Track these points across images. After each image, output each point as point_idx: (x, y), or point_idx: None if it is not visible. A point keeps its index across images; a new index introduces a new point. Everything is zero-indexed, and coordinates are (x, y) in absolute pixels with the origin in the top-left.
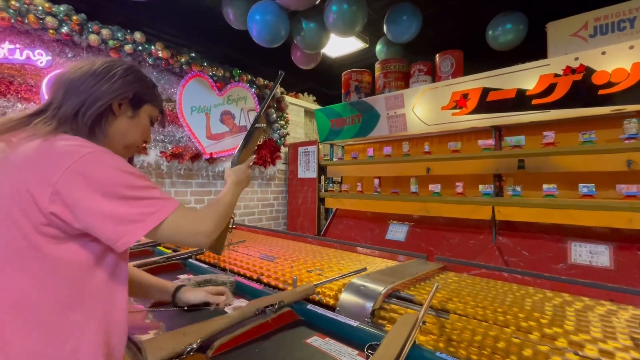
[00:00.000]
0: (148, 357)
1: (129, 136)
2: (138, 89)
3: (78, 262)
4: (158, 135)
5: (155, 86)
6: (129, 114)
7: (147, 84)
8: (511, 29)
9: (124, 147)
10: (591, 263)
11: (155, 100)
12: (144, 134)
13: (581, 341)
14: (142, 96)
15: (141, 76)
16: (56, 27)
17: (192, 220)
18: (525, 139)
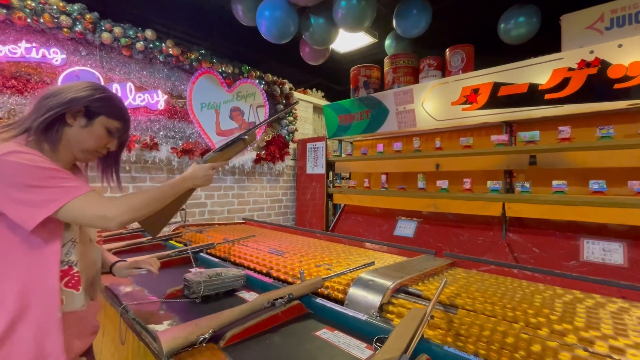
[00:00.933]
0: (163, 346)
1: (84, 143)
2: (90, 103)
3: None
4: (169, 132)
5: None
6: (82, 123)
7: (104, 99)
8: (524, 22)
9: (81, 151)
10: (604, 261)
11: (112, 113)
12: (99, 141)
13: (591, 337)
14: (96, 109)
15: (98, 92)
16: (70, 26)
17: (98, 204)
18: (536, 135)
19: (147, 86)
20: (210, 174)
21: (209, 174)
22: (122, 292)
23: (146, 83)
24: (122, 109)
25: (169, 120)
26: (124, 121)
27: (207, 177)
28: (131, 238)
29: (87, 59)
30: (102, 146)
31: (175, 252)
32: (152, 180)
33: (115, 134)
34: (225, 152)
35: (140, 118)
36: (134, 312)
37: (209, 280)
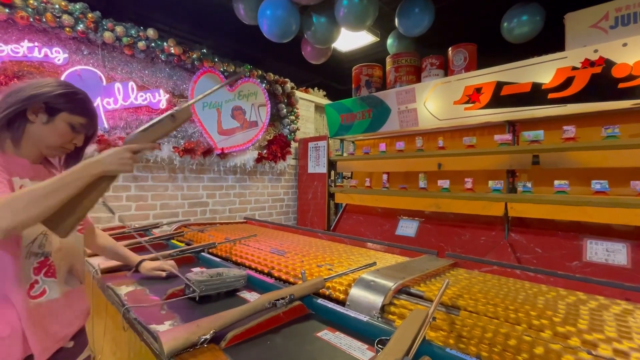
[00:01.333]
0: (164, 347)
1: (47, 139)
2: (50, 99)
3: None
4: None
5: (76, 98)
6: (43, 120)
7: (66, 95)
8: (527, 20)
9: (46, 147)
10: (607, 261)
11: (74, 109)
12: (62, 138)
13: (595, 340)
14: (57, 105)
15: (60, 88)
16: (72, 25)
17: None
18: (541, 134)
19: (148, 85)
20: (125, 156)
21: (124, 157)
22: (124, 292)
23: (148, 82)
24: (86, 104)
25: None
26: (88, 117)
27: (121, 160)
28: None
29: (89, 58)
30: (66, 142)
31: (177, 252)
32: (154, 180)
33: (80, 129)
34: (151, 132)
35: (142, 117)
36: (135, 312)
37: (209, 279)
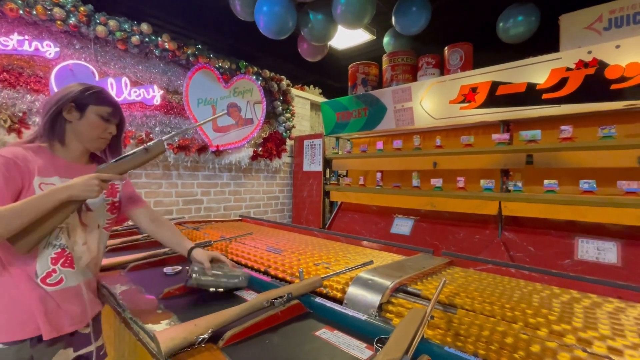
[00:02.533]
0: (161, 347)
1: (85, 133)
2: (76, 96)
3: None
4: (165, 128)
5: (97, 91)
6: (77, 117)
7: (86, 91)
8: (523, 21)
9: (88, 141)
10: (598, 259)
11: (97, 100)
12: (97, 129)
13: (589, 338)
14: (82, 100)
15: (82, 87)
16: (64, 18)
17: None
18: (538, 134)
19: (142, 81)
20: (92, 183)
21: (90, 184)
22: (119, 290)
23: (142, 78)
24: (106, 95)
25: (165, 116)
26: (112, 105)
27: (88, 187)
28: (128, 235)
29: (81, 52)
30: (101, 132)
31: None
32: (148, 177)
33: (109, 118)
34: (122, 164)
35: (135, 113)
36: (131, 311)
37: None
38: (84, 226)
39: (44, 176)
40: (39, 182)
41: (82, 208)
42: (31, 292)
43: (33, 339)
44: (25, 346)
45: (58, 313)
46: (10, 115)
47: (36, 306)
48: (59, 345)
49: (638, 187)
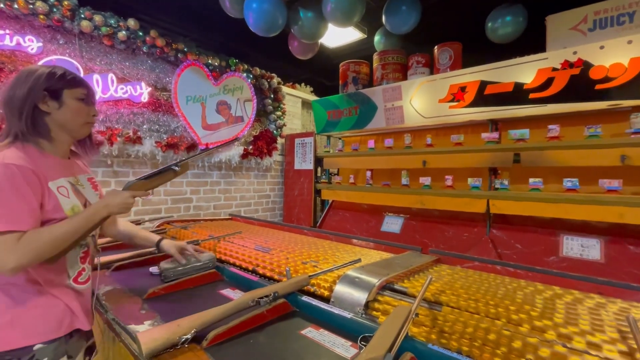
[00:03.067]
0: (142, 348)
1: (69, 122)
2: (47, 84)
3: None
4: (153, 125)
5: (63, 72)
6: (55, 106)
7: (53, 75)
8: (511, 21)
9: (73, 130)
10: (582, 256)
11: (70, 83)
12: (79, 114)
13: (569, 333)
14: (55, 87)
15: (43, 73)
16: (47, 13)
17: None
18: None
19: (129, 78)
20: (129, 202)
21: (127, 202)
22: (103, 291)
23: (129, 74)
24: (73, 75)
25: (153, 114)
26: (85, 85)
27: (125, 205)
28: None
29: (65, 47)
30: (85, 116)
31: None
32: (136, 175)
33: (87, 99)
34: (152, 181)
35: (122, 110)
36: (114, 312)
37: (178, 265)
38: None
39: (55, 178)
40: (55, 186)
41: (87, 204)
42: (65, 294)
43: (67, 335)
44: (62, 342)
45: (87, 308)
46: None
47: (73, 304)
48: (85, 337)
49: (619, 185)
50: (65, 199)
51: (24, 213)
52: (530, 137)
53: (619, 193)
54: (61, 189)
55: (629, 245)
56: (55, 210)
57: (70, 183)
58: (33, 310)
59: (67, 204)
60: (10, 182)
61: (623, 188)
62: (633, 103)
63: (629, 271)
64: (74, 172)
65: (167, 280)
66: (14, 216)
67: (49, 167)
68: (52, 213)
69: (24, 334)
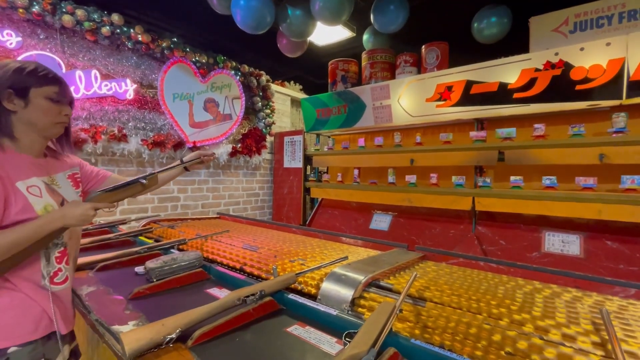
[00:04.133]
0: (125, 348)
1: (37, 121)
2: (11, 81)
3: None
4: (139, 123)
5: (33, 68)
6: (21, 105)
7: (20, 71)
8: (496, 22)
9: (41, 130)
10: (563, 252)
11: (39, 81)
12: (49, 113)
13: (546, 326)
14: (21, 84)
15: (9, 68)
16: (26, 6)
17: None
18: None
19: (114, 74)
20: (89, 214)
21: (87, 215)
22: (85, 292)
23: (113, 71)
24: (48, 72)
25: (138, 111)
26: (57, 83)
27: (83, 217)
28: (98, 234)
29: (46, 42)
30: (56, 115)
31: (144, 249)
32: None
33: (59, 98)
34: (116, 193)
35: (107, 108)
36: (97, 312)
37: (164, 265)
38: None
39: (24, 178)
40: (25, 185)
41: (64, 203)
42: (40, 295)
43: (44, 337)
44: (38, 345)
45: (66, 309)
46: None
47: (48, 305)
48: (65, 340)
49: (594, 182)
50: (37, 199)
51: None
52: (517, 136)
53: (595, 190)
54: (32, 189)
55: (607, 240)
56: (25, 210)
57: (44, 182)
58: (6, 312)
59: (38, 204)
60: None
61: (601, 185)
62: (611, 103)
63: (606, 266)
64: (49, 171)
65: (154, 279)
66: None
67: (16, 167)
68: (21, 214)
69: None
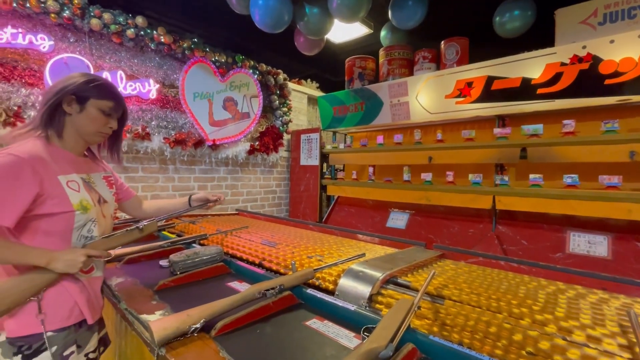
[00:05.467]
0: (154, 336)
1: (84, 127)
2: (77, 89)
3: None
4: (161, 122)
5: (100, 83)
6: (77, 110)
7: (88, 83)
8: (519, 15)
9: (85, 134)
10: (589, 253)
11: (100, 94)
12: (96, 122)
13: (570, 327)
14: (84, 93)
15: (84, 78)
16: (57, 11)
17: None
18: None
19: (138, 75)
20: (78, 260)
21: (76, 261)
22: (115, 282)
23: (137, 71)
24: (109, 88)
25: (161, 110)
26: (114, 99)
27: (71, 262)
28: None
29: (76, 45)
30: (101, 126)
31: (167, 243)
32: (145, 171)
33: (110, 112)
34: (112, 240)
35: (131, 107)
36: (126, 302)
37: (187, 258)
38: (104, 217)
39: (65, 173)
40: (65, 180)
41: (101, 200)
42: (71, 284)
43: (76, 324)
44: (71, 331)
45: (94, 300)
46: (5, 109)
47: (78, 295)
48: (94, 328)
49: (618, 181)
50: (75, 193)
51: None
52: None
53: (619, 189)
54: (71, 183)
55: (637, 242)
56: (62, 203)
57: (82, 179)
58: (45, 299)
59: (75, 197)
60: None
61: (625, 184)
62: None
63: (636, 268)
64: (87, 170)
65: (177, 271)
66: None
67: (60, 161)
68: (57, 206)
69: (36, 321)
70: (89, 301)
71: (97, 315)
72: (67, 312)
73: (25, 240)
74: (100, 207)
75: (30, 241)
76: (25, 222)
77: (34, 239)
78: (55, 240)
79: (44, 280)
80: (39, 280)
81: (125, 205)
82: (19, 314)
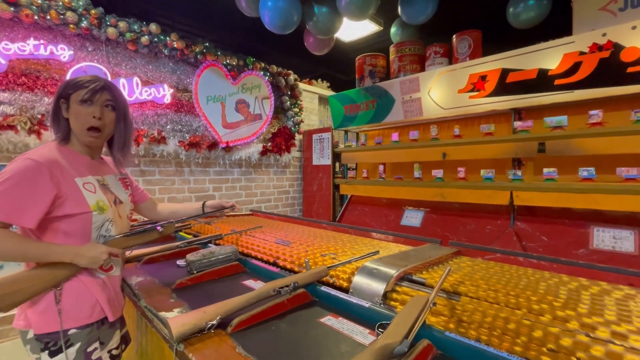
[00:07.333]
0: (173, 332)
1: (74, 128)
2: (61, 91)
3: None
4: (176, 126)
5: (76, 77)
6: (69, 110)
7: (69, 82)
8: (534, 4)
9: (78, 136)
10: (614, 248)
11: (75, 86)
12: (80, 117)
13: (594, 323)
14: (65, 92)
15: (65, 82)
16: (76, 22)
17: None
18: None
19: (153, 80)
20: (101, 257)
21: (99, 258)
22: (135, 281)
23: (152, 77)
24: (83, 78)
25: (175, 114)
26: (87, 84)
27: (95, 259)
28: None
29: (94, 54)
30: (85, 117)
31: (184, 243)
32: (161, 174)
33: (86, 98)
34: (132, 239)
35: (147, 112)
36: (145, 300)
37: (203, 258)
38: (120, 218)
39: (82, 176)
40: (82, 182)
41: (117, 201)
42: (93, 282)
43: (98, 322)
44: (93, 329)
45: (114, 298)
46: (29, 117)
47: (99, 294)
48: (116, 326)
49: (638, 173)
50: (91, 194)
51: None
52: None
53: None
54: (87, 185)
55: None
56: (79, 204)
57: (97, 181)
58: (68, 297)
59: (92, 199)
60: (20, 176)
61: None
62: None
63: None
64: (102, 172)
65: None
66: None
67: (78, 165)
68: (75, 207)
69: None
70: (110, 299)
71: (118, 313)
72: (89, 309)
73: (47, 241)
74: (117, 207)
75: (52, 241)
76: (46, 223)
77: (55, 239)
78: (76, 240)
79: (66, 273)
80: (60, 273)
81: (141, 208)
82: (45, 311)
